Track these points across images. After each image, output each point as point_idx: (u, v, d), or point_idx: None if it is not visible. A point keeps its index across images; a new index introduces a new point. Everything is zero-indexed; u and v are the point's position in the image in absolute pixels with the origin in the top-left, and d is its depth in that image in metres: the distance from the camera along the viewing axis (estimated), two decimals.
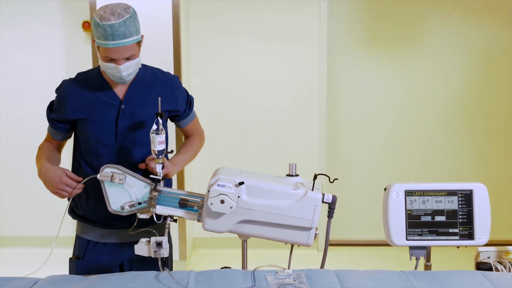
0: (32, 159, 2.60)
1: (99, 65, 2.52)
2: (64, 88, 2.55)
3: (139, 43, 2.44)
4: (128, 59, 2.38)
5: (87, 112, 2.49)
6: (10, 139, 5.11)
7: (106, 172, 2.29)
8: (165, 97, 2.54)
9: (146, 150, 2.52)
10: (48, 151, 2.59)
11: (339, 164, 5.18)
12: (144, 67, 2.57)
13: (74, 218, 2.63)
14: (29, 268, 2.69)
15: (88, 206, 2.55)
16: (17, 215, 5.24)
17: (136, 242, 2.28)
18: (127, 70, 2.39)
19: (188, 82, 4.80)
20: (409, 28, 5.01)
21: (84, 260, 2.59)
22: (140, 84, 2.54)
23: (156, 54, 4.35)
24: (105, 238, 2.58)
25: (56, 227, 2.54)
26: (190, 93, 2.78)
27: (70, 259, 2.63)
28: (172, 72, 4.30)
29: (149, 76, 2.58)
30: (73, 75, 2.62)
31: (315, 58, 4.92)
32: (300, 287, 2.05)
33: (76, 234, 2.65)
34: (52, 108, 2.59)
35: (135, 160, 2.52)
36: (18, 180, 5.17)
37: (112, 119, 2.50)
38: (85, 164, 2.54)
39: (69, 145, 2.70)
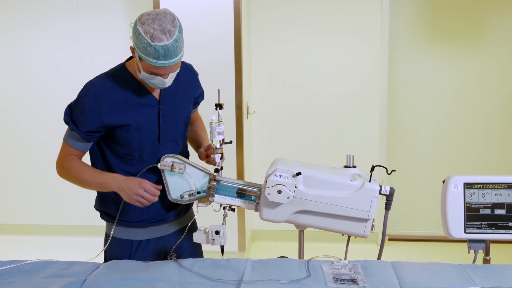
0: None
1: (123, 64, 2.40)
2: (96, 94, 2.30)
3: None
4: None
5: (128, 118, 2.33)
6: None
7: (166, 161, 2.33)
8: (190, 85, 2.51)
9: (181, 145, 2.51)
10: (86, 165, 2.38)
11: (399, 157, 5.13)
12: None
13: (108, 221, 2.48)
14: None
15: (135, 209, 2.40)
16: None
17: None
18: (171, 80, 2.27)
19: (249, 75, 4.85)
20: (470, 24, 4.94)
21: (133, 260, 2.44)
22: None
23: (217, 49, 4.43)
24: (151, 234, 2.48)
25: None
26: (251, 85, 2.70)
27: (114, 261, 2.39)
28: (233, 66, 4.40)
29: None
30: None
31: (376, 52, 4.90)
32: (356, 278, 2.05)
33: (114, 237, 2.44)
34: (77, 120, 2.31)
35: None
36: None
37: (154, 122, 2.39)
38: (124, 173, 2.39)
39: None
